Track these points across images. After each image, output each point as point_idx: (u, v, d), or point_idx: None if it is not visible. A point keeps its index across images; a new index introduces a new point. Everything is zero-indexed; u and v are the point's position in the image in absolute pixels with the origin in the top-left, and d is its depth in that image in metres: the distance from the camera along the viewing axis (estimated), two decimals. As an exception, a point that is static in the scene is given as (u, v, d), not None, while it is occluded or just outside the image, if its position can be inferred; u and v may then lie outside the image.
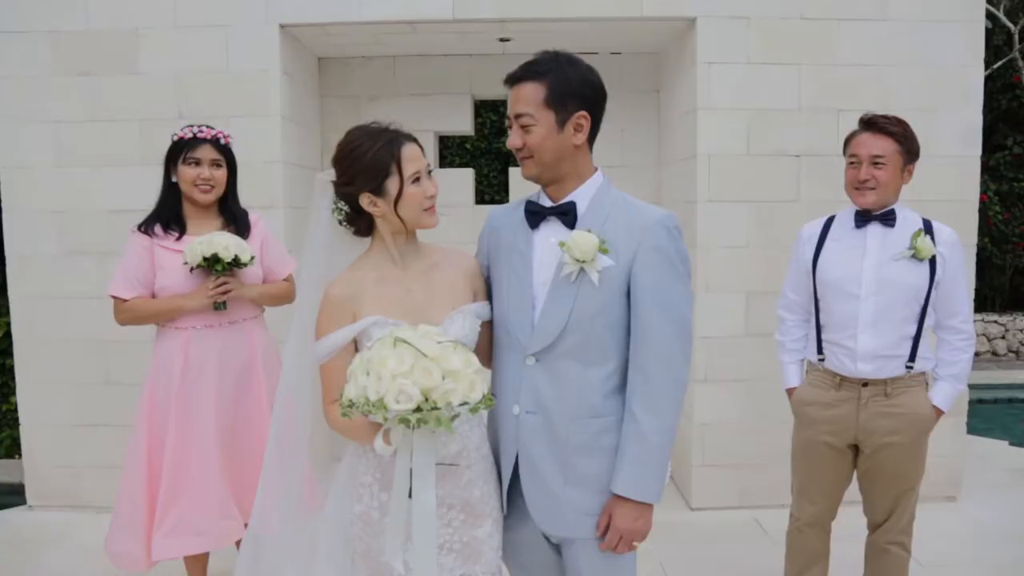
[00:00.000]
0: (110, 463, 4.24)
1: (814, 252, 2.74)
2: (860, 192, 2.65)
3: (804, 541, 2.91)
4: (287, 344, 1.99)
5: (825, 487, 2.81)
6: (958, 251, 2.66)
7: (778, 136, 4.14)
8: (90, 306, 4.21)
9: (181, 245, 2.91)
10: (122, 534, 2.97)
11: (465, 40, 4.61)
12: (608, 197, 1.92)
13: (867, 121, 2.66)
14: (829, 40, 4.14)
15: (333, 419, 1.82)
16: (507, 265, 1.96)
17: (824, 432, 2.74)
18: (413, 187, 1.86)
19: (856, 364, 2.63)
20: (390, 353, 1.53)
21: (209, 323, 2.92)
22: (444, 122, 5.14)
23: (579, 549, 1.94)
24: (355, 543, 1.89)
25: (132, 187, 4.12)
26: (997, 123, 10.18)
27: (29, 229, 4.24)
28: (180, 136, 3.00)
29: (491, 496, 1.95)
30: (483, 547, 1.92)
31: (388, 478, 1.81)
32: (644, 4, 4.10)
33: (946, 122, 4.20)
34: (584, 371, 1.87)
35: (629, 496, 1.85)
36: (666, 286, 1.84)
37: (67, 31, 4.14)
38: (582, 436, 1.88)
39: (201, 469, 2.87)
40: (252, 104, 4.13)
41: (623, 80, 5.01)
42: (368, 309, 1.81)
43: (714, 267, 4.18)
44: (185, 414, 2.89)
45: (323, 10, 4.10)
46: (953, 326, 2.67)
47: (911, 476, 2.72)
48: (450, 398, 1.53)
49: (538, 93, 1.85)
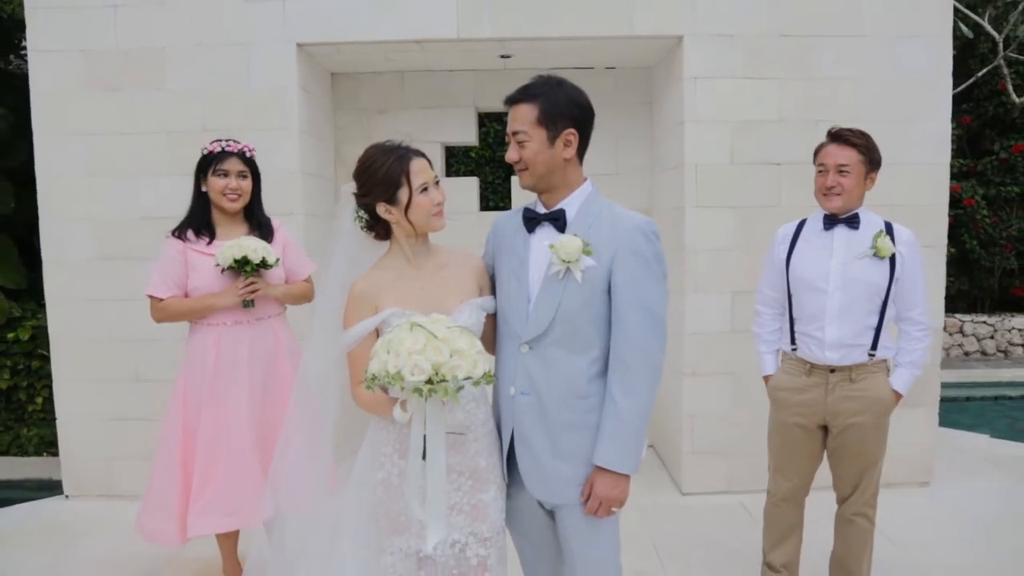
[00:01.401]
0: (141, 454, 4.53)
1: (787, 252, 3.04)
2: (827, 197, 2.94)
3: (780, 514, 3.20)
4: (310, 336, 2.28)
5: (798, 464, 3.10)
6: (916, 251, 2.94)
7: (760, 146, 4.42)
8: (121, 307, 4.51)
9: (212, 249, 3.19)
10: (155, 513, 3.24)
11: (469, 57, 4.90)
12: (595, 205, 2.20)
13: (834, 134, 2.96)
14: (807, 56, 4.42)
15: (359, 397, 2.11)
16: (507, 264, 2.25)
17: (796, 414, 3.03)
18: (421, 196, 2.15)
19: (824, 352, 2.92)
20: (407, 335, 1.82)
21: (238, 320, 3.21)
22: (450, 134, 5.42)
23: (567, 514, 2.21)
24: (377, 505, 2.18)
25: (160, 195, 4.42)
26: (984, 129, 10.44)
27: (64, 235, 4.52)
28: (209, 150, 3.27)
29: (495, 466, 2.24)
30: (488, 509, 2.21)
31: (405, 448, 2.10)
32: (635, 23, 4.39)
33: (917, 132, 4.48)
34: (571, 358, 2.14)
35: (608, 467, 2.12)
36: (642, 284, 2.11)
37: (99, 50, 4.43)
38: (569, 415, 2.15)
39: (234, 454, 3.15)
40: (272, 118, 4.41)
41: (617, 93, 5.30)
42: (387, 302, 2.11)
43: (701, 268, 4.46)
44: (218, 403, 3.17)
45: (338, 30, 4.39)
46: (911, 318, 2.96)
47: (874, 453, 3.00)
48: (456, 372, 1.82)
49: (531, 113, 2.14)
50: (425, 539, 2.07)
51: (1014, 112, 9.83)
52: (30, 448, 6.50)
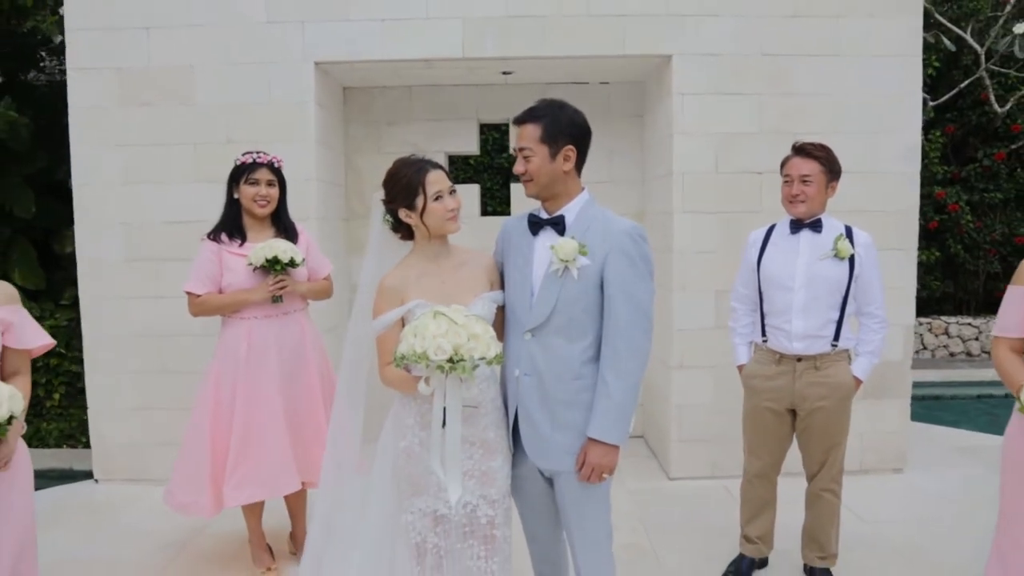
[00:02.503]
0: (166, 441, 4.88)
1: (759, 253, 3.39)
2: (793, 204, 3.30)
3: (754, 491, 3.56)
4: (350, 323, 2.64)
5: (769, 445, 3.45)
6: (872, 252, 3.29)
7: (742, 156, 4.76)
8: (149, 305, 4.86)
9: (243, 250, 3.54)
10: (187, 487, 3.57)
11: (472, 73, 5.25)
12: (591, 211, 2.54)
13: (798, 148, 3.31)
14: (786, 73, 4.78)
15: (386, 375, 2.47)
16: (513, 263, 2.60)
17: (767, 400, 3.38)
18: (435, 203, 2.51)
19: (791, 343, 3.28)
20: (431, 322, 2.18)
21: (267, 314, 3.56)
22: (454, 144, 5.75)
23: (563, 480, 2.55)
24: (400, 470, 2.52)
25: (187, 202, 4.78)
26: (968, 137, 10.77)
27: (98, 238, 4.87)
28: (242, 161, 3.62)
29: (503, 438, 2.58)
30: (496, 475, 2.55)
31: (425, 421, 2.45)
32: (626, 44, 4.75)
33: (888, 143, 4.83)
34: (567, 345, 2.48)
35: (599, 438, 2.46)
36: (630, 281, 2.45)
37: (132, 68, 4.78)
38: (565, 393, 2.50)
39: (266, 433, 3.49)
40: (291, 130, 4.75)
41: (611, 106, 5.66)
42: (412, 295, 2.46)
43: (688, 269, 4.81)
44: (251, 389, 3.51)
45: (352, 50, 4.75)
46: (870, 312, 3.31)
47: (838, 433, 3.35)
48: (472, 353, 2.17)
49: (536, 132, 2.49)
50: (441, 499, 2.43)
51: (996, 121, 10.15)
52: (51, 440, 6.84)
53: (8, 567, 2.42)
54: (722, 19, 4.73)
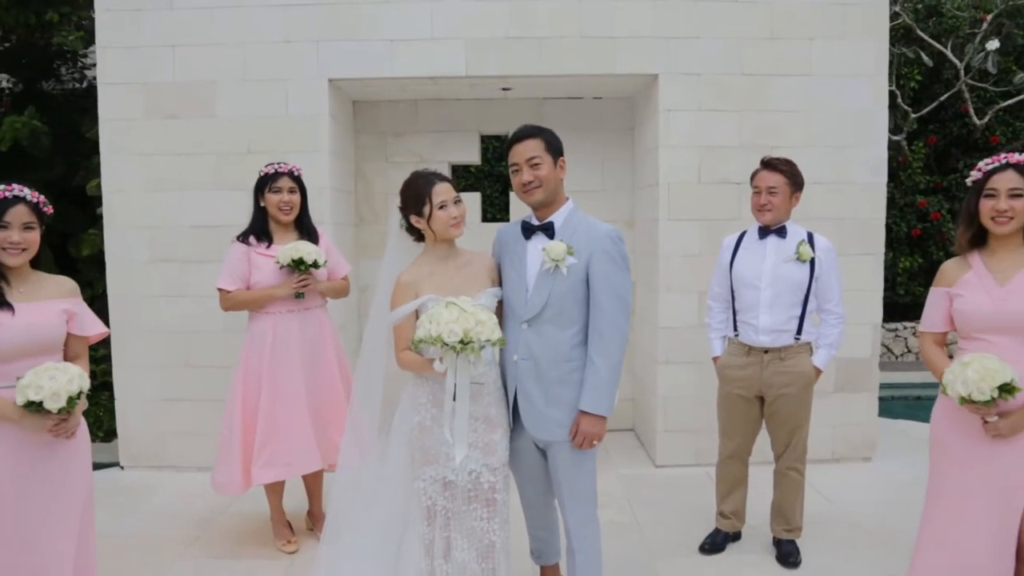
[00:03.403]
0: (189, 431, 5.26)
1: (731, 257, 3.78)
2: (761, 213, 3.69)
3: (727, 470, 3.94)
4: (370, 315, 3.02)
5: (740, 428, 3.84)
6: (831, 255, 3.68)
7: (723, 168, 5.15)
8: (173, 303, 5.23)
9: (270, 252, 3.92)
10: (223, 469, 3.96)
11: (474, 89, 5.64)
12: (576, 218, 2.94)
13: (765, 162, 3.71)
14: (764, 91, 5.17)
15: (402, 359, 2.85)
16: (510, 263, 3.00)
17: (738, 387, 3.77)
18: (440, 211, 2.89)
19: (759, 337, 3.67)
20: (444, 310, 2.57)
21: (291, 309, 3.94)
22: (456, 154, 6.13)
23: (556, 450, 2.94)
24: (413, 443, 2.90)
25: (209, 207, 5.16)
26: (949, 148, 11.17)
27: (125, 241, 5.23)
28: (265, 172, 4.00)
29: (503, 414, 2.96)
30: (497, 447, 2.93)
31: (437, 399, 2.83)
32: (616, 63, 5.14)
33: (858, 156, 5.23)
34: (559, 332, 2.88)
35: (589, 410, 2.85)
36: (612, 275, 2.85)
37: (158, 83, 5.15)
38: (558, 373, 2.89)
39: (290, 418, 3.86)
40: (306, 141, 5.13)
41: (603, 120, 6.05)
42: (425, 290, 2.84)
43: (673, 272, 5.20)
44: (276, 377, 3.88)
45: (364, 68, 5.13)
46: (829, 309, 3.70)
47: (800, 417, 3.74)
48: (480, 336, 2.56)
49: (540, 145, 2.89)
50: (450, 467, 2.82)
51: (976, 133, 10.57)
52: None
53: (75, 528, 2.79)
54: (705, 41, 5.13)
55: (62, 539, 2.72)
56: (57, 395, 2.53)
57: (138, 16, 5.10)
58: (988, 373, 2.53)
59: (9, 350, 2.61)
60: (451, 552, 2.88)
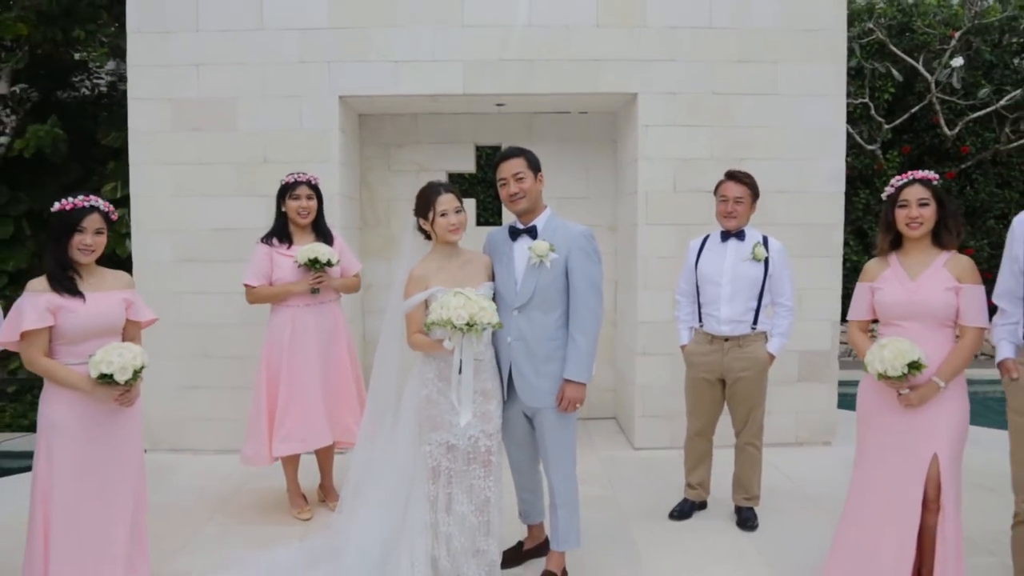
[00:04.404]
0: (206, 416, 5.75)
1: (696, 257, 4.31)
2: (727, 219, 4.21)
3: (694, 446, 4.47)
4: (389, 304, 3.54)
5: (705, 408, 4.36)
6: (783, 255, 4.21)
7: (696, 178, 5.67)
8: (194, 299, 5.72)
9: (290, 252, 4.42)
10: (251, 443, 4.46)
11: (470, 104, 6.15)
12: (554, 222, 3.49)
13: (729, 174, 4.23)
14: (733, 109, 5.71)
15: (413, 341, 3.37)
16: (500, 262, 3.53)
17: (702, 371, 4.29)
18: (440, 218, 3.41)
19: (720, 327, 4.19)
20: (452, 298, 3.10)
21: (308, 303, 4.45)
22: (454, 163, 6.66)
23: (543, 415, 3.47)
24: (421, 412, 3.42)
25: (229, 212, 5.66)
26: (923, 157, 11.73)
27: (152, 242, 5.72)
28: (286, 181, 4.51)
29: (497, 388, 3.49)
30: (492, 415, 3.46)
31: (443, 375, 3.34)
32: (599, 83, 5.68)
33: (818, 168, 5.77)
34: (544, 316, 3.42)
35: (572, 378, 3.39)
36: (587, 268, 3.41)
37: (183, 99, 5.66)
38: (545, 351, 3.43)
39: (306, 399, 4.36)
40: (317, 152, 5.64)
41: (588, 133, 6.59)
42: (433, 283, 3.36)
43: (650, 272, 5.72)
44: (294, 364, 4.38)
45: (372, 86, 5.65)
46: (781, 303, 4.23)
47: (757, 397, 4.26)
48: (483, 319, 3.09)
49: (524, 163, 3.45)
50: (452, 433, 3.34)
51: (947, 143, 11.13)
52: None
53: (134, 485, 3.31)
54: (679, 63, 5.67)
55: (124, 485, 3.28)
56: (124, 369, 3.05)
57: (166, 38, 5.61)
58: (900, 353, 3.05)
59: (81, 332, 3.13)
60: (452, 506, 3.40)
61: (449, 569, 3.40)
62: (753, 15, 5.68)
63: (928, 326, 3.17)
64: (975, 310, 3.14)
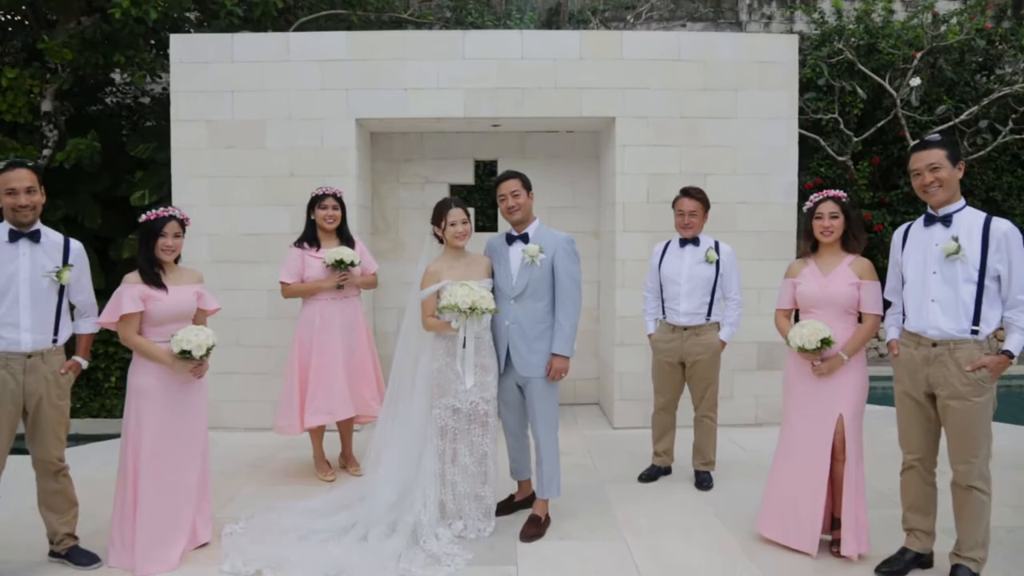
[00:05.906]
0: (238, 399, 6.53)
1: (660, 259, 5.13)
2: (685, 229, 5.02)
3: (659, 419, 5.28)
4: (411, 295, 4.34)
5: (668, 386, 5.17)
6: (732, 257, 5.02)
7: (667, 191, 6.39)
8: (229, 295, 6.44)
9: (319, 254, 5.22)
10: (284, 416, 5.24)
11: (470, 125, 6.97)
12: (543, 230, 4.32)
13: (684, 191, 5.05)
14: (699, 131, 6.53)
15: (427, 323, 4.18)
16: (499, 262, 4.34)
17: (665, 356, 5.11)
18: (450, 227, 4.24)
19: (680, 318, 5.00)
20: (459, 288, 3.94)
21: (333, 297, 5.25)
22: (455, 176, 7.48)
23: (533, 384, 4.27)
24: (432, 381, 4.22)
25: (259, 219, 6.46)
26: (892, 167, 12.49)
27: (190, 245, 6.41)
28: (316, 193, 5.31)
29: (493, 363, 4.29)
30: (490, 385, 4.27)
31: (450, 350, 4.16)
32: (583, 108, 6.50)
33: (774, 182, 6.58)
34: (535, 304, 4.23)
35: (559, 352, 4.20)
36: (568, 265, 4.23)
37: (219, 120, 6.46)
38: (536, 332, 4.24)
39: (331, 378, 5.15)
40: (336, 167, 6.45)
41: (575, 150, 7.41)
42: (444, 277, 4.17)
43: (627, 273, 6.54)
44: (322, 350, 5.16)
45: (384, 110, 6.47)
46: (731, 297, 5.04)
47: (711, 376, 5.07)
48: (482, 305, 3.92)
49: (519, 182, 4.28)
50: (458, 398, 4.15)
51: (912, 155, 11.94)
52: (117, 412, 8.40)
53: (202, 442, 4.11)
54: (652, 91, 6.50)
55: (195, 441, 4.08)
56: (200, 347, 3.85)
57: (205, 67, 6.42)
58: (815, 331, 3.88)
59: (165, 317, 3.93)
60: (456, 459, 4.22)
61: (454, 511, 4.22)
62: (716, 49, 6.52)
63: (836, 313, 3.99)
64: (872, 301, 3.96)
